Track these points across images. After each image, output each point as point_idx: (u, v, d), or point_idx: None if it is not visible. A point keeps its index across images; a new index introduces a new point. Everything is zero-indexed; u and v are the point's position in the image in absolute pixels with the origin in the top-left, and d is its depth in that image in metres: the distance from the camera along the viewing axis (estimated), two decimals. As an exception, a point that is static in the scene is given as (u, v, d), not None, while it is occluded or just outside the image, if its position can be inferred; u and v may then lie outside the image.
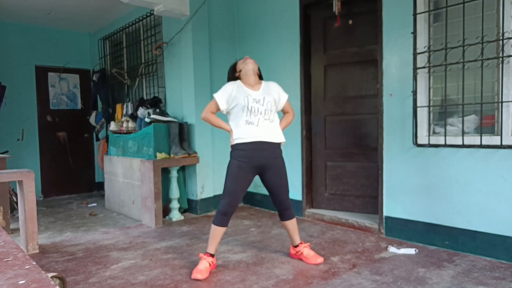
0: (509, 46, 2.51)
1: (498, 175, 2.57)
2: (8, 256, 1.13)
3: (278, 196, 2.59)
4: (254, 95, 2.49)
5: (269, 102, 2.50)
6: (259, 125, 2.46)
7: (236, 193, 2.49)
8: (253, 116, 2.45)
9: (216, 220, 2.50)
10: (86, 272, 2.54)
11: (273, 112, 2.53)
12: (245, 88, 2.52)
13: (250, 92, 2.50)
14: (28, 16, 5.22)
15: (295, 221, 2.68)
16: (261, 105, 2.47)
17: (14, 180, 3.07)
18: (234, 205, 2.50)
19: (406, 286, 2.21)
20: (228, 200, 2.48)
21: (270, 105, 2.50)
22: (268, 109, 2.49)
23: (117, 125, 4.82)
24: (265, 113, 2.47)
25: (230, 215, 2.52)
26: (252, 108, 2.45)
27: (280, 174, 2.56)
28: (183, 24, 4.14)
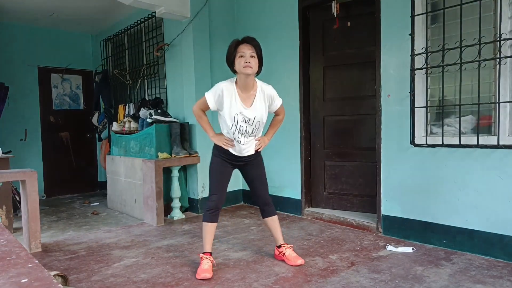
0: (506, 47, 2.54)
1: (495, 174, 2.60)
2: (11, 255, 1.14)
3: (257, 189, 2.63)
4: (245, 113, 2.38)
5: (258, 122, 2.43)
6: (245, 143, 2.46)
7: (223, 187, 2.56)
8: (240, 135, 2.43)
9: (207, 217, 2.53)
10: (88, 271, 2.57)
11: (260, 129, 2.50)
12: (238, 102, 2.37)
13: (241, 109, 2.37)
14: (31, 17, 5.26)
15: (277, 219, 2.69)
16: (249, 125, 2.41)
17: (17, 180, 3.10)
18: (223, 198, 2.56)
19: (403, 284, 2.23)
20: (218, 194, 2.53)
21: (258, 125, 2.45)
22: (256, 128, 2.45)
23: (119, 126, 4.86)
24: (252, 132, 2.45)
25: (219, 210, 2.56)
26: (240, 127, 2.41)
27: (258, 167, 2.61)
28: (184, 26, 4.17)
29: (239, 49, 2.33)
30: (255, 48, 2.35)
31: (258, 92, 2.43)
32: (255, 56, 2.34)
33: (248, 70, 2.30)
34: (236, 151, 2.50)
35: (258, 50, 2.37)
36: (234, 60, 2.35)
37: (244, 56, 2.31)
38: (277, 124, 2.66)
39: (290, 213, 4.01)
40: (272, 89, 2.49)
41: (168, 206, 4.06)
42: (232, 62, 2.37)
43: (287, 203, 4.05)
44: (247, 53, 2.31)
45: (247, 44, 2.35)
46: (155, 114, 4.14)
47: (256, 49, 2.36)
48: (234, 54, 2.34)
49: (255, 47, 2.35)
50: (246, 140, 2.47)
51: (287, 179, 4.06)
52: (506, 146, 2.53)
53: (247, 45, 2.34)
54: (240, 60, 2.31)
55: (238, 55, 2.33)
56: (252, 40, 2.37)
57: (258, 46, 2.38)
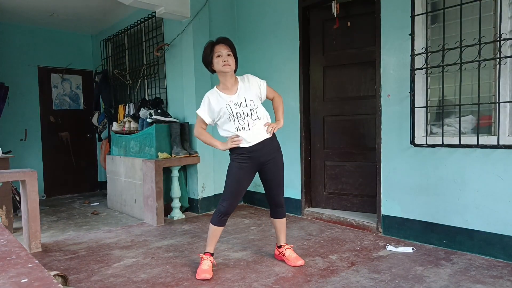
0: (506, 47, 2.54)
1: (495, 174, 2.60)
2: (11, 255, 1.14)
3: (271, 190, 2.58)
4: (234, 100, 2.42)
5: (251, 101, 2.44)
6: (251, 128, 2.44)
7: (238, 194, 2.50)
8: (241, 121, 2.43)
9: (216, 220, 2.51)
10: (88, 271, 2.57)
11: (259, 109, 2.48)
12: (223, 96, 2.44)
13: (229, 98, 2.43)
14: (31, 17, 5.26)
15: (285, 222, 2.67)
16: (244, 107, 2.42)
17: (17, 180, 3.10)
18: (235, 205, 2.52)
19: (404, 284, 2.23)
20: (230, 201, 2.48)
21: (253, 104, 2.44)
22: (253, 108, 2.44)
23: (119, 126, 4.86)
24: (251, 113, 2.44)
25: (229, 215, 2.54)
26: (237, 114, 2.42)
27: (276, 168, 2.54)
28: (184, 26, 4.18)
29: (215, 49, 2.42)
30: (230, 47, 2.45)
31: (240, 81, 2.51)
32: (231, 54, 2.43)
33: (227, 68, 2.40)
34: (248, 142, 2.43)
35: (233, 48, 2.46)
36: (212, 61, 2.44)
37: (222, 56, 2.40)
38: (279, 105, 2.60)
39: (290, 213, 4.01)
40: (251, 76, 2.56)
41: (168, 206, 4.06)
42: (209, 63, 2.47)
43: (287, 203, 3.99)
44: (223, 52, 2.40)
45: (223, 44, 2.44)
46: (155, 114, 4.14)
47: (231, 48, 2.45)
48: (211, 55, 2.43)
49: (230, 46, 2.45)
50: (252, 125, 2.44)
51: (287, 179, 4.00)
52: (506, 146, 2.53)
53: (222, 45, 2.43)
54: (218, 59, 2.40)
55: (215, 55, 2.42)
56: (226, 40, 2.46)
57: (232, 45, 2.47)
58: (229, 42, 2.46)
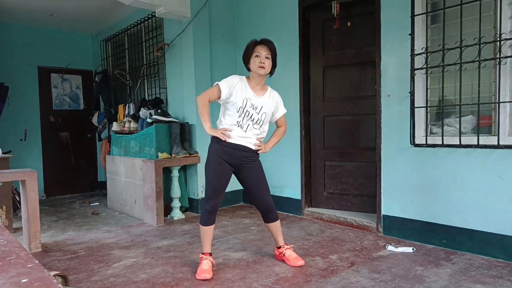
0: (506, 47, 2.54)
1: (495, 174, 2.60)
2: (11, 255, 1.14)
3: (258, 195, 2.56)
4: (254, 100, 2.45)
5: (264, 113, 2.48)
6: (247, 131, 2.46)
7: (220, 190, 2.49)
8: (245, 120, 2.44)
9: (204, 221, 2.49)
10: (88, 271, 2.57)
11: (265, 123, 2.53)
12: (248, 90, 2.46)
13: (251, 95, 2.45)
14: (31, 17, 5.26)
15: (279, 223, 2.66)
16: (256, 112, 2.45)
17: (17, 180, 3.11)
18: (219, 202, 2.52)
19: (404, 284, 2.23)
20: (214, 199, 2.48)
21: (264, 116, 2.48)
22: (261, 119, 2.47)
23: (119, 126, 4.86)
24: (257, 122, 2.46)
25: (216, 212, 2.53)
26: (247, 112, 2.43)
27: (258, 173, 2.55)
28: (184, 26, 4.18)
29: (256, 49, 2.44)
30: (271, 50, 2.46)
31: (269, 92, 2.55)
32: (269, 57, 2.45)
33: (261, 70, 2.42)
34: (236, 140, 2.44)
35: (273, 53, 2.47)
36: (250, 59, 2.45)
37: (260, 56, 2.42)
38: (279, 136, 2.68)
39: (290, 213, 4.02)
40: (279, 96, 2.61)
41: (168, 206, 4.06)
42: (247, 61, 2.48)
43: (287, 203, 4.05)
44: (262, 54, 2.42)
45: (264, 45, 2.45)
46: (155, 114, 4.14)
47: (272, 51, 2.46)
48: (251, 53, 2.45)
49: (271, 49, 2.46)
50: (250, 130, 2.46)
51: (287, 179, 4.06)
52: (506, 146, 2.53)
53: (263, 47, 2.45)
54: (256, 59, 2.42)
55: (254, 55, 2.43)
56: (269, 43, 2.47)
57: (274, 49, 2.48)
58: (271, 45, 2.47)
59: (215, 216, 2.54)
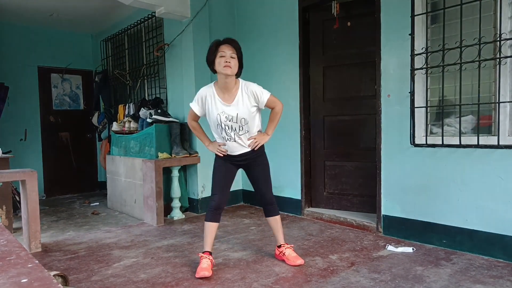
0: (506, 47, 2.54)
1: (495, 174, 2.60)
2: (11, 255, 1.14)
3: (259, 188, 2.62)
4: (227, 111, 2.39)
5: (243, 118, 2.40)
6: (236, 140, 2.47)
7: (225, 186, 2.57)
8: (228, 133, 2.45)
9: (209, 217, 2.54)
10: (88, 271, 2.57)
11: (249, 124, 2.44)
12: (218, 102, 2.40)
13: (223, 108, 2.39)
14: (31, 17, 5.26)
15: (279, 220, 2.69)
16: (234, 122, 2.41)
17: (17, 180, 3.11)
18: (226, 198, 2.58)
19: (404, 284, 2.23)
20: (219, 195, 2.54)
21: (244, 121, 2.41)
22: (242, 124, 2.42)
23: (119, 126, 4.86)
24: (239, 129, 2.44)
25: (222, 210, 2.57)
26: (225, 126, 2.43)
27: (260, 167, 2.59)
28: (184, 26, 4.18)
29: (220, 49, 2.35)
30: (236, 49, 2.38)
31: (240, 90, 2.42)
32: (235, 57, 2.36)
33: (228, 70, 2.32)
34: (232, 151, 2.52)
35: (238, 51, 2.39)
36: (215, 60, 2.36)
37: (225, 56, 2.33)
38: (275, 117, 2.54)
39: (290, 213, 4.02)
40: (255, 85, 2.46)
41: (168, 206, 4.06)
42: (212, 62, 2.39)
43: (287, 203, 4.05)
44: (227, 53, 2.34)
45: (228, 44, 2.37)
46: (155, 114, 4.14)
47: (237, 50, 2.38)
48: (215, 53, 2.36)
49: (235, 48, 2.37)
50: (237, 138, 2.47)
51: (287, 179, 4.06)
52: (506, 146, 2.53)
53: (228, 46, 2.36)
54: (220, 60, 2.33)
55: (218, 55, 2.34)
56: (233, 41, 2.39)
57: (238, 48, 2.40)
58: (235, 44, 2.39)
59: (219, 213, 2.56)
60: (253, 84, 2.46)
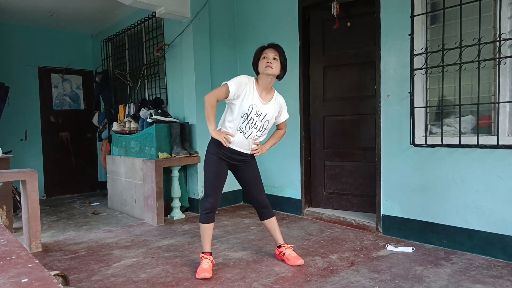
0: (506, 47, 2.54)
1: (494, 174, 2.60)
2: (11, 255, 1.14)
3: (252, 192, 2.63)
4: (259, 107, 2.45)
5: (267, 121, 2.50)
6: (248, 137, 2.48)
7: (219, 187, 2.55)
8: (248, 127, 2.45)
9: (204, 218, 2.52)
10: (88, 270, 2.58)
11: (267, 130, 2.55)
12: (255, 94, 2.45)
13: (257, 101, 2.45)
14: (31, 17, 5.27)
15: (275, 221, 2.69)
16: (259, 120, 2.46)
17: (17, 180, 3.11)
18: (219, 200, 2.56)
19: (403, 284, 2.24)
20: (213, 195, 2.52)
21: (266, 124, 2.51)
22: (264, 127, 2.50)
23: (120, 126, 4.87)
24: (259, 129, 2.48)
25: (215, 210, 2.56)
26: (251, 119, 2.44)
27: (253, 171, 2.62)
28: (184, 26, 4.18)
29: (263, 51, 2.48)
30: (279, 53, 2.47)
31: (275, 97, 2.55)
32: (277, 59, 2.45)
33: (269, 70, 2.42)
34: (235, 144, 2.48)
35: (281, 55, 2.48)
36: (258, 62, 2.48)
37: (267, 58, 2.44)
38: (278, 138, 2.71)
39: (290, 213, 4.02)
40: (284, 101, 2.62)
41: (168, 206, 4.07)
42: (256, 64, 2.50)
43: (287, 203, 4.05)
44: (270, 55, 2.44)
45: (272, 48, 2.48)
46: (155, 114, 4.14)
47: (280, 54, 2.47)
48: (258, 56, 2.48)
49: (279, 52, 2.47)
50: (251, 137, 2.48)
51: (287, 179, 4.06)
52: (505, 146, 2.53)
53: (271, 49, 2.47)
54: (263, 61, 2.45)
55: (261, 56, 2.47)
56: (276, 46, 2.50)
57: (282, 52, 2.49)
58: (279, 48, 2.49)
59: (214, 213, 2.56)
60: (282, 98, 2.62)
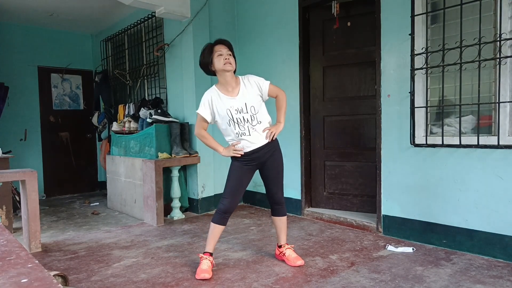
0: (506, 47, 2.54)
1: (495, 174, 2.60)
2: (11, 255, 1.13)
3: (270, 187, 2.59)
4: (235, 105, 2.41)
5: (252, 107, 2.42)
6: (251, 133, 2.44)
7: (238, 192, 2.53)
8: (241, 127, 2.43)
9: (217, 219, 2.53)
10: (88, 271, 2.57)
11: (260, 113, 2.46)
12: (224, 98, 2.43)
13: (230, 102, 2.42)
14: (31, 17, 5.26)
15: (285, 221, 2.68)
16: (245, 113, 2.42)
17: (17, 180, 3.10)
18: (236, 203, 2.54)
19: (404, 284, 2.23)
20: (230, 199, 2.51)
21: (254, 109, 2.43)
22: (254, 113, 2.43)
23: (119, 126, 4.86)
24: (251, 119, 2.43)
25: (231, 213, 2.55)
26: (237, 119, 2.42)
27: (274, 165, 2.55)
28: (184, 26, 4.18)
29: (215, 49, 2.43)
30: (230, 48, 2.46)
31: (242, 82, 2.49)
32: (231, 54, 2.45)
33: (228, 66, 2.40)
34: (248, 147, 2.46)
35: (232, 50, 2.47)
36: (213, 60, 2.43)
37: (223, 54, 2.40)
38: (281, 105, 2.57)
39: (290, 213, 4.01)
40: (254, 76, 2.54)
41: (168, 206, 4.06)
42: (209, 64, 2.45)
43: (287, 203, 3.97)
44: (224, 52, 2.41)
45: (223, 44, 2.45)
46: (155, 114, 4.14)
47: (231, 49, 2.47)
48: (211, 55, 2.43)
49: (229, 47, 2.46)
50: (252, 131, 2.45)
51: (287, 179, 4.00)
52: (506, 146, 2.53)
53: (222, 45, 2.45)
54: (220, 58, 2.40)
55: (216, 55, 2.41)
56: (226, 41, 2.48)
57: (231, 46, 2.48)
58: (229, 43, 2.47)
59: (228, 217, 2.55)
60: (252, 75, 2.54)
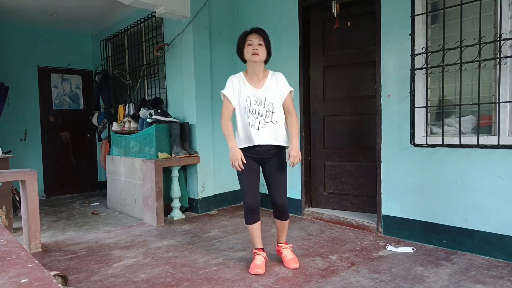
0: (507, 47, 2.54)
1: (495, 174, 2.60)
2: (11, 255, 1.14)
3: (273, 191, 2.54)
4: (256, 95, 2.42)
5: (270, 103, 2.42)
6: (260, 128, 2.42)
7: (252, 185, 2.51)
8: (254, 118, 2.42)
9: (248, 220, 2.55)
10: (88, 271, 2.57)
11: (277, 113, 2.43)
12: (248, 86, 2.45)
13: (253, 91, 2.43)
14: (31, 17, 5.26)
15: (286, 224, 2.63)
16: (262, 106, 2.42)
17: (17, 180, 3.10)
18: (256, 197, 2.52)
19: (404, 285, 2.23)
20: (249, 195, 2.50)
21: (271, 107, 2.42)
22: (270, 110, 2.42)
23: (119, 126, 4.86)
24: (266, 115, 2.42)
25: (257, 209, 2.52)
26: (253, 110, 2.42)
27: (276, 167, 2.50)
28: (184, 26, 4.18)
29: (248, 38, 2.44)
30: (263, 37, 2.44)
31: (270, 77, 2.50)
32: (262, 44, 2.43)
33: (256, 57, 2.40)
34: (252, 141, 2.43)
35: (266, 40, 2.45)
36: (243, 49, 2.44)
37: (252, 44, 2.41)
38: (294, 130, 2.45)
39: (290, 213, 3.96)
40: (283, 77, 2.52)
41: (168, 206, 4.06)
42: (241, 52, 2.47)
43: None
44: (255, 42, 2.42)
45: (256, 33, 2.45)
46: (155, 114, 4.14)
47: (264, 38, 2.45)
48: (243, 43, 2.44)
49: (263, 36, 2.45)
50: (262, 127, 2.43)
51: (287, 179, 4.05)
52: (506, 146, 2.53)
53: (255, 35, 2.44)
54: (248, 48, 2.42)
55: (246, 44, 2.43)
56: (260, 30, 2.47)
57: (266, 37, 2.46)
58: (263, 32, 2.46)
59: (255, 214, 2.53)
60: (282, 75, 2.53)
